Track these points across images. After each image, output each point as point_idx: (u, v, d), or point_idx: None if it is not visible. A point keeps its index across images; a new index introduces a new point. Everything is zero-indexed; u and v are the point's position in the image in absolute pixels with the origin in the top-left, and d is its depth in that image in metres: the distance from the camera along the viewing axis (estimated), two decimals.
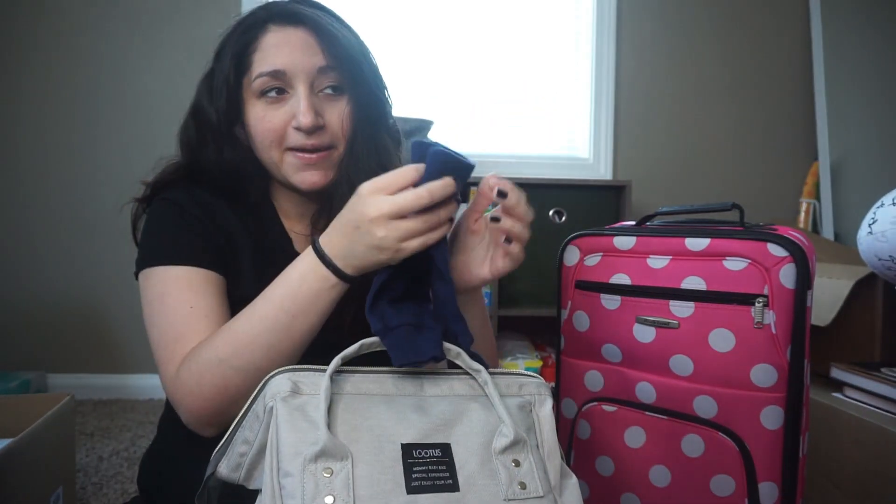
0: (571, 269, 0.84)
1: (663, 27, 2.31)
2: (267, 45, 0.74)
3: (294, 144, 0.74)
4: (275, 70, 0.73)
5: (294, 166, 0.75)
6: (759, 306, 0.69)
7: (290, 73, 0.73)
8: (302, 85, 0.73)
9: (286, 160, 0.75)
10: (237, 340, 0.63)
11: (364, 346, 0.56)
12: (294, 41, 0.74)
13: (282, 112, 0.74)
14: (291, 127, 0.74)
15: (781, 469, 0.69)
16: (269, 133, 0.74)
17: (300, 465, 0.47)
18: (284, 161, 0.75)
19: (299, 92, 0.73)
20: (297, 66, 0.73)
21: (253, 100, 0.75)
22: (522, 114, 2.31)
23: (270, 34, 0.74)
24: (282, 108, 0.74)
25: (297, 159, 0.75)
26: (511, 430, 0.54)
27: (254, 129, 0.75)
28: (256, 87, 0.74)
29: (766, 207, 2.31)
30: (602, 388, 0.81)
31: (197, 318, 0.68)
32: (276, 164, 0.76)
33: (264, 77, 0.73)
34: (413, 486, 0.48)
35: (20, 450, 0.98)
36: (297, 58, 0.73)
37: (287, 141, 0.74)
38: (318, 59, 0.74)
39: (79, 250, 2.11)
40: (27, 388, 1.93)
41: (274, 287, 0.64)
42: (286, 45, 0.73)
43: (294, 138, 0.74)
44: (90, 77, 2.12)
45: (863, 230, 1.11)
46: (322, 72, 0.74)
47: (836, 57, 2.23)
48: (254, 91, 0.74)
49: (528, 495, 0.52)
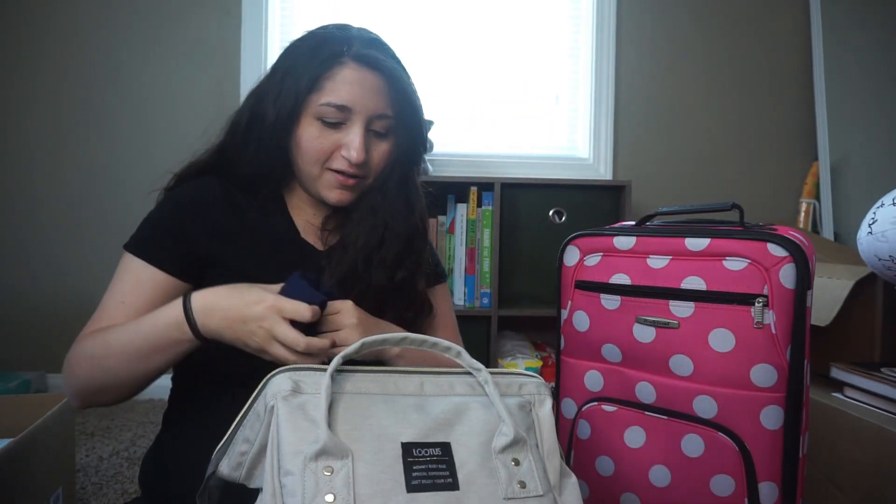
0: (571, 269, 0.84)
1: (663, 27, 2.31)
2: (342, 79, 0.80)
3: (337, 167, 0.82)
4: (342, 105, 0.79)
5: (330, 184, 0.83)
6: (759, 306, 0.69)
7: (354, 111, 0.80)
8: (360, 123, 0.81)
9: (324, 177, 0.83)
10: (108, 346, 0.72)
11: (365, 344, 0.57)
12: (367, 84, 0.80)
13: (334, 138, 0.81)
14: (340, 154, 0.81)
15: (781, 469, 0.69)
16: (318, 153, 0.81)
17: (301, 464, 0.47)
18: (322, 177, 0.83)
19: (356, 128, 0.80)
20: (362, 106, 0.80)
21: (310, 118, 0.81)
22: (522, 114, 2.31)
23: (348, 70, 0.80)
24: (335, 134, 0.81)
25: (336, 179, 0.82)
26: (511, 430, 0.54)
27: (305, 144, 0.81)
28: (318, 112, 0.80)
29: (766, 207, 2.31)
30: (602, 388, 0.81)
31: (119, 313, 0.77)
32: (313, 177, 0.83)
33: (331, 108, 0.79)
34: (413, 484, 0.49)
35: (20, 450, 0.98)
36: (365, 99, 0.80)
37: (331, 162, 0.82)
38: (381, 106, 0.82)
39: (78, 250, 2.11)
40: (27, 388, 1.93)
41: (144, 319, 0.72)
42: (359, 86, 0.80)
43: (339, 163, 0.82)
44: (90, 77, 2.12)
45: (863, 230, 1.11)
46: (380, 117, 0.82)
47: (836, 57, 2.23)
48: (314, 112, 0.80)
49: (528, 494, 0.52)
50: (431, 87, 2.24)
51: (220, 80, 2.16)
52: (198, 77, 2.16)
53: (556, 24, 2.31)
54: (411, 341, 0.59)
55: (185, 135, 2.13)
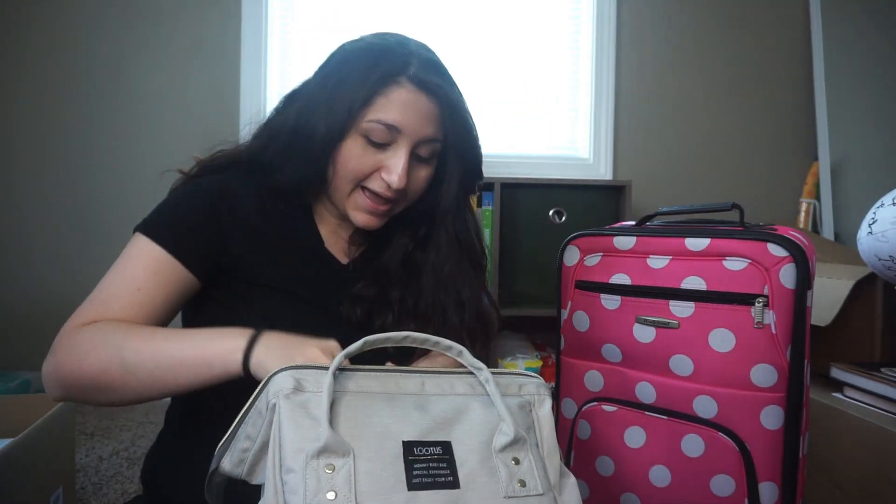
0: (571, 269, 0.84)
1: (663, 27, 2.31)
2: (395, 99, 0.75)
3: (373, 189, 0.77)
4: (392, 125, 0.75)
5: (359, 206, 0.79)
6: (759, 306, 0.69)
7: (402, 133, 0.76)
8: (406, 146, 0.76)
9: (355, 196, 0.78)
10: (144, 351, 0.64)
11: (368, 343, 0.57)
12: (420, 108, 0.76)
13: (376, 158, 0.76)
14: (380, 175, 0.77)
15: (781, 469, 0.69)
16: (356, 171, 0.77)
17: (302, 462, 0.47)
18: (353, 196, 0.78)
19: (401, 152, 0.76)
20: (412, 130, 0.76)
21: (356, 135, 0.76)
22: (522, 114, 2.31)
23: (403, 90, 0.75)
24: (377, 154, 0.76)
25: (366, 201, 0.78)
26: (511, 429, 0.55)
27: (346, 161, 0.76)
28: (366, 129, 0.75)
29: (766, 207, 2.31)
30: (602, 388, 0.81)
31: (133, 301, 0.70)
32: (344, 194, 0.79)
33: (380, 126, 0.75)
34: (414, 482, 0.49)
35: (20, 450, 0.98)
36: (416, 123, 0.76)
37: (367, 182, 0.77)
38: (431, 131, 0.77)
39: (79, 250, 2.11)
40: (27, 388, 1.93)
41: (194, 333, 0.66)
42: (412, 109, 0.76)
43: (378, 184, 0.77)
44: (90, 77, 2.12)
45: (863, 230, 1.11)
46: (427, 142, 0.78)
47: (836, 57, 2.23)
48: (361, 129, 0.75)
49: (528, 493, 0.52)
50: None
51: (220, 80, 2.16)
52: (198, 77, 2.16)
53: (557, 24, 2.31)
54: (413, 340, 0.59)
55: (185, 135, 2.13)
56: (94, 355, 0.65)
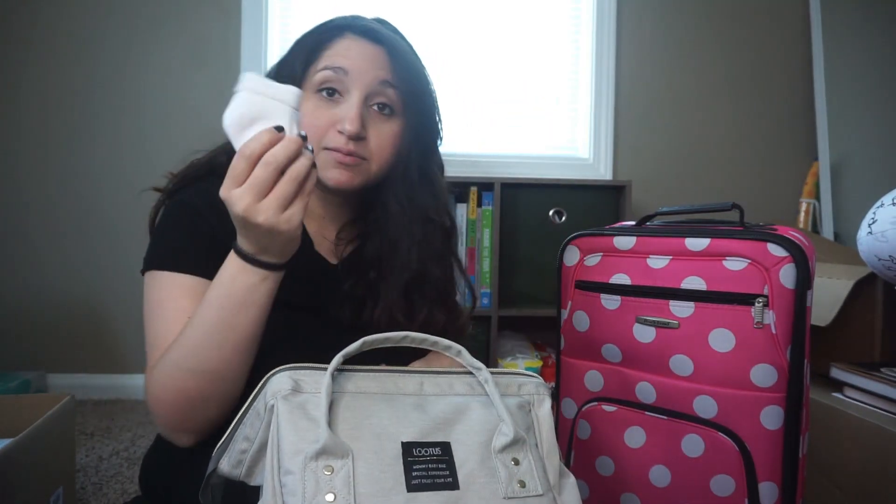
0: (571, 269, 0.84)
1: (663, 27, 2.31)
2: (339, 47, 0.77)
3: (331, 145, 0.76)
4: (338, 66, 0.75)
5: (326, 163, 0.76)
6: (759, 306, 0.69)
7: (351, 76, 0.75)
8: (357, 92, 0.76)
9: (321, 156, 0.77)
10: (187, 344, 0.64)
11: (366, 343, 0.57)
12: (365, 52, 0.77)
13: (330, 113, 0.76)
14: (335, 129, 0.76)
15: (781, 469, 0.69)
16: (312, 129, 0.75)
17: (301, 463, 0.47)
18: (319, 157, 0.77)
19: (353, 98, 0.75)
20: (360, 72, 0.76)
21: (308, 94, 0.77)
22: (522, 114, 2.31)
23: (346, 39, 0.77)
24: (331, 109, 0.76)
25: (331, 157, 0.76)
26: (510, 429, 0.55)
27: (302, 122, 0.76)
28: (316, 81, 0.76)
29: (766, 207, 2.31)
30: (602, 388, 0.81)
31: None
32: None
33: (327, 71, 0.75)
34: (413, 483, 0.49)
35: (20, 450, 0.98)
36: (363, 65, 0.76)
37: (325, 140, 0.76)
38: (382, 73, 0.77)
39: (79, 250, 2.11)
40: (27, 388, 1.93)
41: (210, 290, 0.65)
42: (357, 52, 0.76)
43: (333, 139, 0.76)
44: (90, 77, 2.12)
45: (863, 230, 1.11)
46: (381, 85, 0.77)
47: (836, 57, 2.23)
48: (312, 84, 0.76)
49: (528, 493, 0.52)
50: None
51: (220, 80, 2.16)
52: (198, 77, 2.16)
53: (557, 24, 2.31)
54: (412, 339, 0.59)
55: (185, 135, 2.13)
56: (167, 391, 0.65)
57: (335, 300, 0.80)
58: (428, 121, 0.84)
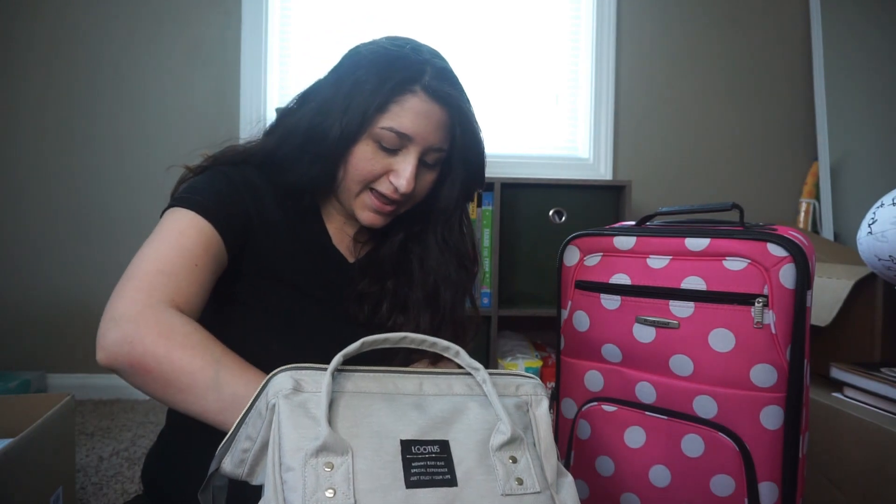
0: (571, 269, 0.84)
1: (663, 27, 2.31)
2: (409, 107, 0.77)
3: (381, 191, 0.79)
4: (404, 133, 0.77)
5: (366, 205, 0.81)
6: (759, 306, 0.69)
7: (413, 141, 0.78)
8: (415, 153, 0.78)
9: (363, 197, 0.80)
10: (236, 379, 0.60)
11: (366, 343, 0.57)
12: (432, 117, 0.78)
13: (385, 162, 0.78)
14: (388, 179, 0.79)
15: (781, 469, 0.69)
16: (367, 173, 0.78)
17: (301, 460, 0.48)
18: (361, 196, 0.80)
19: (410, 158, 0.78)
20: (423, 138, 0.78)
21: (368, 139, 0.78)
22: (523, 113, 2.31)
23: (417, 100, 0.77)
24: (387, 158, 0.79)
25: (373, 202, 0.80)
26: (508, 428, 0.55)
27: (356, 163, 0.78)
28: (378, 135, 0.77)
29: (766, 207, 2.31)
30: (602, 388, 0.81)
31: (194, 280, 0.67)
32: (352, 194, 0.81)
33: (392, 134, 0.77)
34: (412, 480, 0.49)
35: (20, 450, 0.98)
36: (427, 131, 0.78)
37: (376, 185, 0.79)
38: (440, 140, 0.80)
39: (79, 250, 2.11)
40: (27, 388, 1.93)
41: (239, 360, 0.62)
42: (424, 118, 0.78)
43: (385, 187, 0.79)
44: (90, 77, 2.12)
45: (863, 230, 1.11)
46: (435, 150, 0.80)
47: (836, 57, 2.23)
48: (374, 134, 0.77)
49: (526, 491, 0.53)
50: None
51: (220, 80, 2.16)
52: (198, 77, 2.16)
53: (556, 24, 2.31)
54: (411, 340, 0.59)
55: (186, 135, 2.14)
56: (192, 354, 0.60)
57: (348, 296, 0.84)
58: (476, 174, 0.89)
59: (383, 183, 0.79)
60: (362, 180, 0.79)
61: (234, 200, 0.75)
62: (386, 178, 0.79)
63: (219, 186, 0.75)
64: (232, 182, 0.77)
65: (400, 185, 0.78)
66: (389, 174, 0.79)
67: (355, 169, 0.78)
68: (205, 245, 0.69)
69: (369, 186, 0.80)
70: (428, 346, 0.60)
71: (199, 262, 0.67)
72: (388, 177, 0.79)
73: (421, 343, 0.60)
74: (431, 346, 0.60)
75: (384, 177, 0.79)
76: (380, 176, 0.79)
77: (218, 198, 0.74)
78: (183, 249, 0.67)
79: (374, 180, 0.79)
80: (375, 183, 0.79)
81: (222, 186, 0.76)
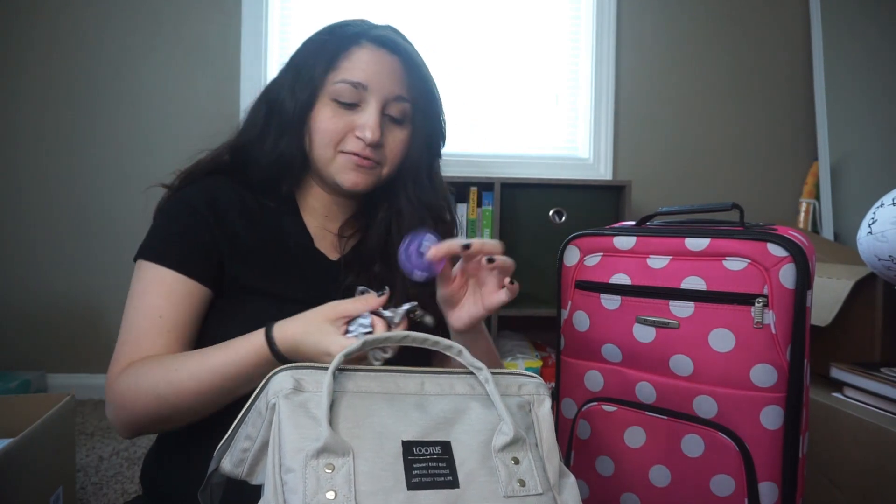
0: (571, 269, 0.84)
1: (663, 27, 2.31)
2: (358, 58, 0.79)
3: (350, 149, 0.79)
4: (358, 82, 0.78)
5: (344, 166, 0.80)
6: (759, 306, 0.69)
7: (369, 90, 0.78)
8: (375, 104, 0.79)
9: (338, 159, 0.80)
10: (179, 385, 0.67)
11: (367, 343, 0.57)
12: (384, 64, 0.80)
13: (348, 118, 0.79)
14: (354, 135, 0.79)
15: (781, 469, 0.69)
16: (331, 133, 0.79)
17: (302, 461, 0.47)
18: (336, 160, 0.80)
19: (371, 108, 0.79)
20: (378, 85, 0.79)
21: (326, 100, 0.79)
22: (522, 114, 2.31)
23: (365, 50, 0.79)
24: (349, 115, 0.79)
25: (350, 160, 0.80)
26: (510, 429, 0.55)
27: (319, 126, 0.79)
28: (334, 91, 0.78)
29: (766, 207, 2.31)
30: (602, 388, 0.81)
31: (160, 329, 0.72)
32: (327, 160, 0.81)
33: (346, 84, 0.78)
34: (413, 482, 0.49)
35: (20, 450, 0.98)
36: (381, 79, 0.79)
37: (344, 145, 0.79)
38: (398, 88, 0.80)
39: (79, 250, 2.11)
40: (27, 388, 1.93)
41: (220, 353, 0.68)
42: (376, 65, 0.79)
43: (352, 144, 0.79)
44: (90, 77, 2.12)
45: (863, 230, 1.11)
46: (396, 100, 0.80)
47: (836, 57, 2.23)
48: (329, 93, 0.79)
49: (528, 492, 0.52)
50: None
51: (220, 80, 2.16)
52: (198, 77, 2.16)
53: (556, 24, 2.31)
54: (413, 339, 0.59)
55: (186, 135, 2.14)
56: (137, 402, 0.68)
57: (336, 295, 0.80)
58: (436, 127, 0.88)
59: (350, 141, 0.79)
60: (329, 142, 0.79)
61: (196, 231, 0.76)
62: (352, 134, 0.79)
63: (177, 224, 0.77)
64: (194, 211, 0.77)
65: (365, 136, 0.77)
66: (355, 130, 0.79)
67: (319, 133, 0.79)
68: (166, 293, 0.74)
69: (339, 150, 0.80)
70: (430, 345, 0.59)
71: (164, 312, 0.73)
72: (354, 133, 0.79)
73: (423, 342, 0.59)
74: (433, 344, 0.59)
75: (349, 135, 0.79)
76: (345, 134, 0.79)
77: (177, 238, 0.76)
78: (145, 309, 0.73)
79: (342, 140, 0.79)
80: (343, 143, 0.79)
81: (182, 220, 0.77)
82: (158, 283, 0.74)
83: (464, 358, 0.60)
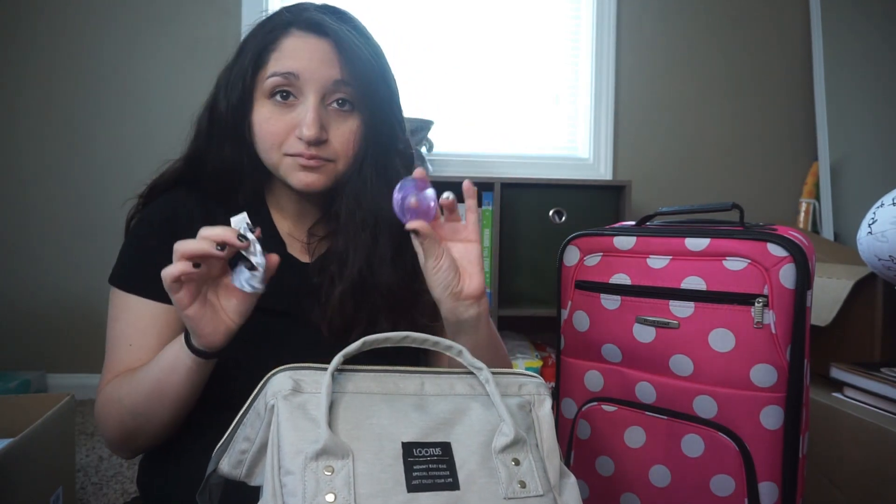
0: (571, 269, 0.84)
1: (663, 27, 2.31)
2: (286, 47, 0.73)
3: (292, 152, 0.73)
4: (288, 72, 0.72)
5: (291, 167, 0.74)
6: (759, 306, 0.69)
7: (303, 79, 0.73)
8: (312, 94, 0.73)
9: (284, 162, 0.75)
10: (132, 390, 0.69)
11: (367, 343, 0.56)
12: (313, 49, 0.73)
13: (287, 118, 0.74)
14: (294, 135, 0.73)
15: (781, 469, 0.69)
16: (270, 136, 0.74)
17: (301, 464, 0.47)
18: (283, 163, 0.75)
19: (308, 101, 0.73)
20: (312, 73, 0.73)
21: (262, 99, 0.74)
22: (522, 114, 2.31)
23: (292, 38, 0.74)
24: (288, 113, 0.74)
25: (294, 161, 0.74)
26: (511, 429, 0.54)
27: (258, 129, 0.75)
28: (267, 87, 0.73)
29: (766, 207, 2.31)
30: (602, 388, 0.81)
31: (131, 358, 0.73)
32: (274, 164, 0.76)
33: (277, 77, 0.73)
34: (413, 484, 0.49)
35: (20, 450, 0.98)
36: (313, 66, 0.73)
37: (287, 147, 0.74)
38: (334, 72, 0.73)
39: (79, 250, 2.11)
40: (27, 388, 1.93)
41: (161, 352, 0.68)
42: (304, 51, 0.73)
43: (294, 146, 0.73)
44: (90, 77, 2.12)
45: (863, 230, 1.11)
46: (336, 85, 0.74)
47: (836, 57, 2.23)
48: (264, 90, 0.74)
49: (528, 494, 0.52)
50: (431, 87, 2.24)
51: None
52: (198, 77, 2.16)
53: (556, 24, 2.31)
54: (413, 340, 0.59)
55: (185, 135, 2.13)
56: (110, 418, 0.71)
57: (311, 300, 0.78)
58: (385, 114, 0.78)
59: (291, 142, 0.73)
60: (272, 146, 0.74)
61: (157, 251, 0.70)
62: (293, 135, 0.73)
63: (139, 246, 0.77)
64: (153, 231, 0.76)
65: (303, 135, 0.71)
66: (295, 130, 0.73)
67: (259, 137, 0.74)
68: (134, 321, 0.75)
69: (284, 153, 0.74)
70: (430, 345, 0.59)
71: (133, 340, 0.74)
72: (294, 133, 0.73)
73: (423, 342, 0.59)
74: (434, 345, 0.59)
75: (290, 135, 0.73)
76: (287, 135, 0.73)
77: (138, 261, 0.76)
78: (117, 338, 0.75)
79: (283, 142, 0.73)
80: (286, 145, 0.73)
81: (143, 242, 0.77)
82: (126, 309, 0.75)
83: (464, 358, 0.60)
